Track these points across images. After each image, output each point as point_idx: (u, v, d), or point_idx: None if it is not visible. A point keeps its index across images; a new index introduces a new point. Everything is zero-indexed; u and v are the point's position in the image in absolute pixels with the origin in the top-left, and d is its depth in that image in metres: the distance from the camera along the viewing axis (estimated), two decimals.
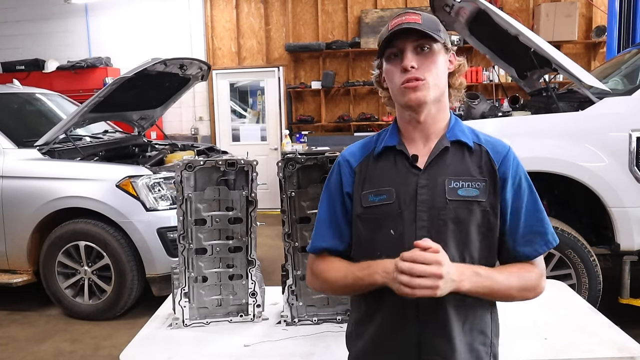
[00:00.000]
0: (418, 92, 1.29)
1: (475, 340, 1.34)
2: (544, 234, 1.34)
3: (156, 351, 2.10)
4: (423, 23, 1.30)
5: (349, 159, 1.42)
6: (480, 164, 1.33)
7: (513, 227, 1.33)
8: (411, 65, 1.29)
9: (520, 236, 1.33)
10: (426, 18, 1.32)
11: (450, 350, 1.30)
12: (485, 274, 1.26)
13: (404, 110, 1.36)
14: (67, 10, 8.37)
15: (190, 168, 2.28)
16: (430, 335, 1.30)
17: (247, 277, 2.38)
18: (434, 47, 1.31)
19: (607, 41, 6.30)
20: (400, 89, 1.32)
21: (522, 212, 1.34)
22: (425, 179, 1.32)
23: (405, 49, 1.30)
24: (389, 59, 1.34)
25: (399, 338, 1.32)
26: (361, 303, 1.41)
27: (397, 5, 7.86)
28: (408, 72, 1.29)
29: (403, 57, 1.30)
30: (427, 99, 1.30)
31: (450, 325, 1.29)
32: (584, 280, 3.43)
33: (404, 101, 1.32)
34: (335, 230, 1.41)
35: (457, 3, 4.08)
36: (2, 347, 3.85)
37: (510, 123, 3.73)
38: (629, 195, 3.33)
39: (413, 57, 1.30)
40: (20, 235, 4.29)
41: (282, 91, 8.19)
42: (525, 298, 1.34)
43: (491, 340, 1.38)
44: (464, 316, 1.32)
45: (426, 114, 1.34)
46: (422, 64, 1.30)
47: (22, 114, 5.30)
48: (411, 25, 1.29)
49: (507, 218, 1.33)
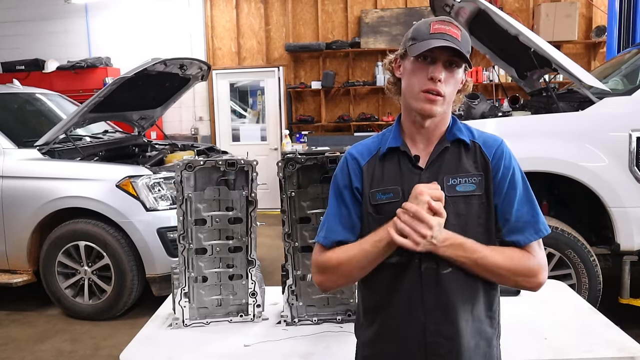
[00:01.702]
0: (435, 105, 1.35)
1: (482, 323, 1.40)
2: (535, 222, 1.39)
3: (156, 351, 2.10)
4: (461, 41, 1.35)
5: (357, 157, 1.47)
6: (476, 159, 1.41)
7: (505, 216, 1.39)
8: (439, 79, 1.34)
9: (512, 224, 1.39)
10: (464, 36, 1.37)
11: (456, 333, 1.35)
12: (469, 246, 1.33)
13: (411, 111, 1.41)
14: (67, 10, 8.37)
15: (190, 168, 2.28)
16: (437, 321, 1.36)
17: (247, 277, 2.38)
18: (461, 66, 1.37)
19: (607, 41, 6.31)
20: (418, 94, 1.36)
21: (515, 201, 1.39)
22: (426, 177, 1.38)
23: (438, 59, 1.35)
24: (417, 58, 1.37)
25: (407, 325, 1.38)
26: (368, 295, 1.47)
27: (397, 5, 7.87)
28: (434, 82, 1.34)
29: (435, 66, 1.34)
30: (437, 113, 1.37)
31: (455, 310, 1.35)
32: (584, 280, 3.43)
33: (418, 107, 1.37)
34: (347, 223, 1.44)
35: (457, 3, 4.08)
36: (2, 347, 3.85)
37: (510, 123, 3.73)
38: (629, 195, 3.33)
39: (443, 70, 1.34)
40: (21, 235, 4.29)
41: (282, 91, 8.19)
42: (520, 284, 1.39)
43: (497, 322, 1.45)
44: (469, 301, 1.37)
45: (430, 122, 1.40)
46: (447, 80, 1.35)
47: (22, 114, 5.30)
48: (455, 44, 1.32)
49: (499, 207, 1.39)
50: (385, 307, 1.41)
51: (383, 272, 1.39)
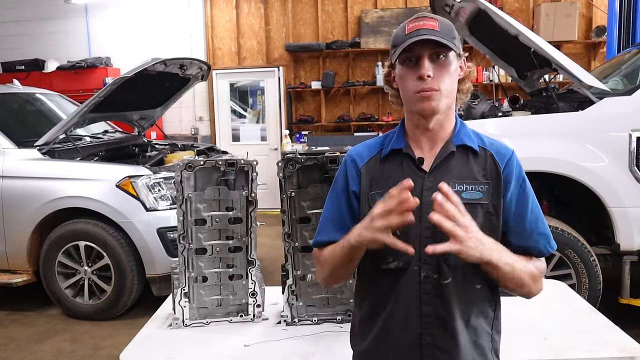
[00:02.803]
0: (432, 101, 1.31)
1: (479, 336, 1.36)
2: (547, 235, 1.38)
3: (156, 351, 2.10)
4: (440, 30, 1.30)
5: (356, 159, 1.44)
6: (485, 166, 1.36)
7: (517, 228, 1.36)
8: (428, 75, 1.30)
9: (525, 237, 1.36)
10: (443, 24, 1.32)
11: (453, 346, 1.32)
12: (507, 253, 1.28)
13: (414, 115, 1.38)
14: (67, 10, 8.37)
15: (190, 168, 2.28)
16: (433, 333, 1.32)
17: (247, 277, 2.38)
18: (449, 55, 1.32)
19: (607, 41, 6.31)
20: (414, 96, 1.33)
21: (528, 213, 1.36)
22: (430, 181, 1.33)
23: (422, 56, 1.31)
24: (403, 63, 1.34)
25: (403, 336, 1.34)
26: (365, 302, 1.44)
27: (397, 5, 7.86)
28: (424, 80, 1.30)
29: (420, 64, 1.31)
30: (439, 109, 1.32)
31: (453, 322, 1.31)
32: (584, 280, 3.43)
33: (417, 109, 1.34)
34: (338, 226, 1.42)
35: (457, 3, 4.08)
36: (2, 347, 3.85)
37: (510, 123, 3.73)
38: (629, 195, 3.33)
39: (429, 66, 1.30)
40: (20, 235, 4.29)
41: (282, 91, 8.19)
42: (530, 291, 1.35)
43: (492, 336, 1.39)
44: (468, 313, 1.33)
45: (435, 121, 1.36)
46: (438, 73, 1.31)
47: (22, 114, 5.30)
48: (430, 35, 1.28)
49: (509, 219, 1.35)
50: (381, 316, 1.37)
51: (380, 278, 1.36)
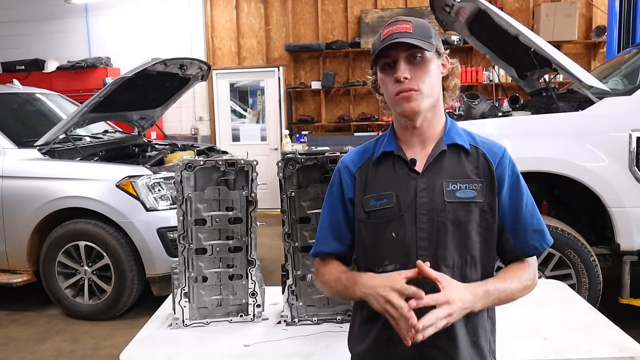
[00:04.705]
0: (412, 102, 1.31)
1: (478, 337, 1.36)
2: (543, 231, 1.39)
3: (156, 351, 2.10)
4: (414, 32, 1.31)
5: (349, 165, 1.46)
6: (477, 165, 1.36)
7: (513, 225, 1.37)
8: (404, 77, 1.30)
9: (521, 234, 1.37)
10: (417, 25, 1.33)
11: (453, 347, 1.32)
12: (493, 290, 1.30)
13: (400, 117, 1.39)
14: (67, 10, 8.37)
15: (190, 168, 2.28)
16: (433, 335, 1.29)
17: (247, 277, 2.38)
18: (426, 55, 1.32)
19: (607, 41, 6.30)
20: (394, 98, 1.34)
21: (522, 210, 1.37)
22: (424, 182, 1.34)
23: (398, 59, 1.32)
24: (383, 68, 1.36)
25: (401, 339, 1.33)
26: (364, 305, 1.42)
27: (397, 5, 7.87)
28: (401, 82, 1.31)
29: (396, 68, 1.32)
30: (421, 108, 1.33)
31: (454, 324, 1.30)
32: (584, 280, 3.42)
33: (399, 111, 1.35)
34: (336, 234, 1.45)
35: (457, 3, 4.08)
36: (2, 347, 3.85)
37: (510, 123, 3.72)
38: (629, 195, 3.33)
39: (406, 68, 1.31)
40: (20, 235, 4.29)
41: (282, 91, 8.19)
42: (523, 296, 1.38)
43: (488, 336, 1.40)
44: (469, 315, 1.32)
45: (422, 120, 1.36)
46: (415, 74, 1.31)
47: (22, 114, 5.29)
48: (402, 38, 1.29)
49: (505, 217, 1.36)
50: (381, 318, 1.35)
51: None
